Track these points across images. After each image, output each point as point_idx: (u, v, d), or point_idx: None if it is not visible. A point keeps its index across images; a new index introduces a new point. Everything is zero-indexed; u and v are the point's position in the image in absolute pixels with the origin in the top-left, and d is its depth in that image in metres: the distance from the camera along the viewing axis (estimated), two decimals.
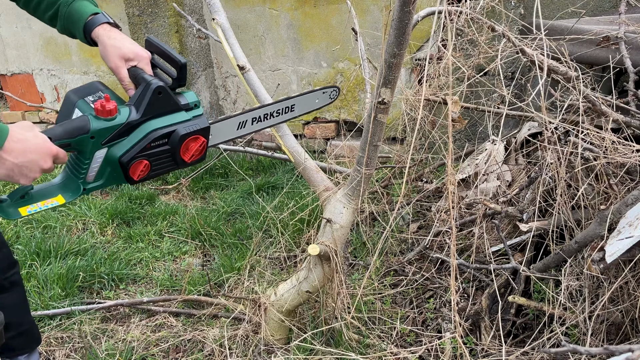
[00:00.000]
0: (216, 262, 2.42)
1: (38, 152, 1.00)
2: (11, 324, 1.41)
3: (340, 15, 3.21)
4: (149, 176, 1.21)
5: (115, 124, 1.12)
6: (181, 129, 1.19)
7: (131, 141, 1.15)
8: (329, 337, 1.72)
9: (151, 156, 1.18)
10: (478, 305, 1.68)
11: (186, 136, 1.20)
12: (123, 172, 1.17)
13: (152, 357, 1.82)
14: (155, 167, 1.20)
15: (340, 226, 1.54)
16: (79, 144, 1.10)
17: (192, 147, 1.23)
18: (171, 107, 1.20)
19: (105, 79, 4.31)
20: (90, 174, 1.15)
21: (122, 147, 1.15)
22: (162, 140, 1.18)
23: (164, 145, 1.19)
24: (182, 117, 1.21)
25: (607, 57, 1.86)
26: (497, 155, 2.16)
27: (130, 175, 1.17)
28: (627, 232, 1.29)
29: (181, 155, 1.22)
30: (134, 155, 1.15)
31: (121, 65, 1.18)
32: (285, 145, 1.76)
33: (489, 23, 1.61)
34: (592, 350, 0.63)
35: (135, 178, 1.18)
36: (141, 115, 1.15)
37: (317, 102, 1.66)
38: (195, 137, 1.23)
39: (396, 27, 1.18)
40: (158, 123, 1.18)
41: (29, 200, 1.11)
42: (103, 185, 1.19)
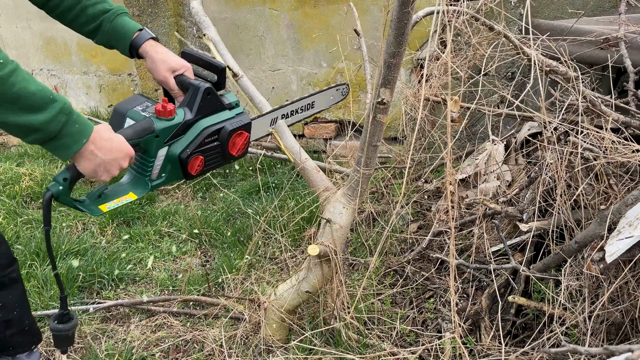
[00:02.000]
0: (216, 262, 2.42)
1: (121, 151, 1.09)
2: (12, 321, 1.41)
3: (340, 15, 3.21)
4: (203, 171, 1.33)
5: (174, 123, 1.24)
6: (228, 125, 1.32)
7: (188, 139, 1.27)
8: (329, 337, 1.72)
9: (205, 151, 1.30)
10: (478, 305, 1.68)
11: (233, 131, 1.33)
12: (182, 168, 1.28)
13: (152, 357, 1.82)
14: (208, 162, 1.32)
15: (340, 226, 1.54)
16: (146, 144, 1.20)
17: (238, 142, 1.36)
18: (218, 107, 1.32)
19: (105, 79, 4.31)
20: (154, 172, 1.26)
21: (181, 145, 1.27)
22: (213, 137, 1.30)
23: (215, 141, 1.31)
24: (228, 115, 1.34)
25: (607, 57, 1.86)
26: (497, 155, 2.16)
27: (189, 170, 1.28)
28: (627, 232, 1.28)
29: (229, 150, 1.35)
30: (191, 151, 1.27)
31: (169, 76, 1.30)
32: (285, 145, 1.76)
33: (489, 23, 1.61)
34: (592, 350, 0.63)
35: (193, 173, 1.30)
36: (195, 115, 1.27)
37: (332, 99, 1.82)
38: (240, 132, 1.36)
39: (395, 27, 1.18)
40: (209, 121, 1.30)
41: (105, 199, 1.22)
42: (165, 182, 1.30)
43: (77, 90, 4.55)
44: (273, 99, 3.65)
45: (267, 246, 2.51)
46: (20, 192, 3.20)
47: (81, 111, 4.58)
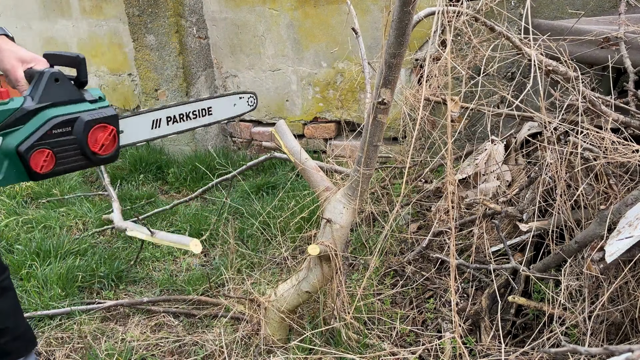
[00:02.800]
0: (216, 262, 2.43)
1: None
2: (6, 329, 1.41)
3: (340, 15, 3.21)
4: (57, 170, 1.13)
5: (7, 108, 1.06)
6: (85, 116, 1.14)
7: (28, 129, 1.08)
8: (329, 337, 1.72)
9: (54, 145, 1.10)
10: (478, 305, 1.68)
11: (92, 122, 1.15)
12: (24, 165, 1.08)
13: (152, 358, 1.82)
14: (61, 159, 1.13)
15: (340, 226, 1.54)
16: None
17: (100, 137, 1.17)
18: (73, 98, 1.15)
19: (105, 79, 4.31)
20: None
21: (19, 136, 1.07)
22: (65, 128, 1.12)
23: (68, 134, 1.12)
24: (86, 107, 1.17)
25: (607, 57, 1.86)
26: (497, 155, 2.16)
27: (33, 167, 1.08)
28: (627, 232, 1.29)
29: (90, 146, 1.15)
30: (32, 143, 1.07)
31: (17, 66, 1.15)
32: (285, 145, 1.76)
33: (489, 23, 1.61)
34: (592, 350, 0.63)
35: (39, 170, 1.09)
36: (37, 102, 1.09)
37: (235, 108, 1.61)
38: (103, 126, 1.18)
39: (396, 27, 1.18)
40: (58, 111, 1.12)
41: None
42: (2, 181, 1.08)
43: None
44: (274, 99, 3.65)
45: (267, 246, 2.51)
46: (20, 192, 3.21)
47: None
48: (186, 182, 3.37)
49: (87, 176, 3.60)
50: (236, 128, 3.86)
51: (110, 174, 3.46)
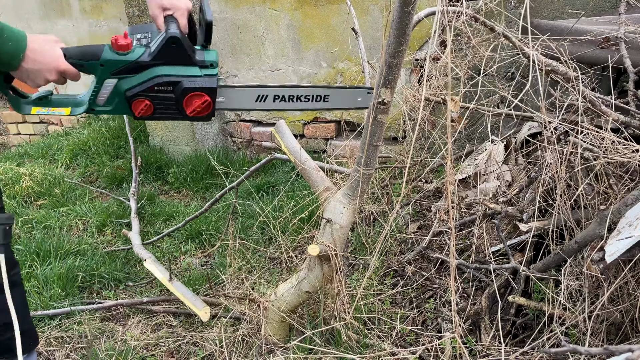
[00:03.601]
0: (216, 262, 2.42)
1: (46, 65, 1.15)
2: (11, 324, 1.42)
3: (340, 15, 3.21)
4: (153, 117, 1.31)
5: (125, 59, 1.22)
6: (186, 82, 1.26)
7: (138, 79, 1.24)
8: (329, 337, 1.72)
9: (154, 99, 1.26)
10: (478, 305, 1.68)
11: (189, 90, 1.26)
12: (127, 106, 1.27)
13: (152, 358, 1.82)
14: (158, 110, 1.29)
15: (340, 226, 1.54)
16: (91, 68, 1.22)
17: (194, 103, 1.28)
18: (184, 60, 1.26)
19: None
20: (100, 98, 1.26)
21: (129, 83, 1.24)
22: (166, 88, 1.26)
23: (168, 92, 1.26)
24: (192, 72, 1.27)
25: (607, 57, 1.86)
26: (497, 155, 2.16)
27: (133, 110, 1.27)
28: (627, 232, 1.29)
29: (184, 107, 1.28)
30: (137, 92, 1.24)
31: (158, 15, 1.27)
32: (285, 145, 1.76)
33: (489, 23, 1.61)
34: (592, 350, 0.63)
35: (137, 114, 1.27)
36: (152, 58, 1.23)
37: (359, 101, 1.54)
38: (200, 94, 1.28)
39: (396, 27, 1.18)
40: (166, 70, 1.25)
41: (44, 104, 1.27)
42: (111, 112, 1.29)
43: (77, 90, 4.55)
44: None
45: (267, 246, 2.51)
46: (20, 192, 3.21)
47: None
48: (186, 182, 3.37)
49: (87, 176, 3.60)
50: (236, 128, 3.86)
51: (110, 174, 3.46)
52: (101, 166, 3.58)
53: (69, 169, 3.72)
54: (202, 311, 1.75)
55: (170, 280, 1.85)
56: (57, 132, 4.54)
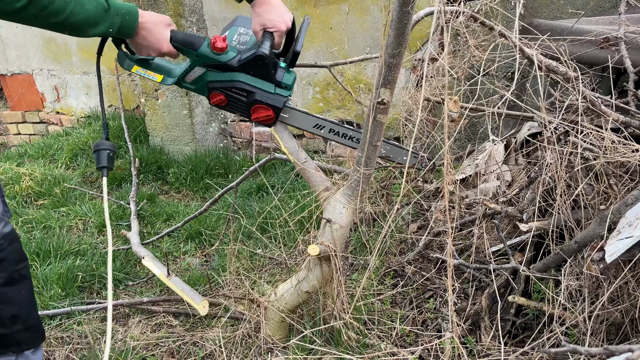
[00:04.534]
0: (216, 262, 2.42)
1: (153, 44, 1.37)
2: (19, 317, 1.42)
3: (340, 15, 3.21)
4: (225, 109, 1.52)
5: (216, 59, 1.42)
6: (259, 95, 1.47)
7: (222, 77, 1.46)
8: (329, 337, 1.72)
9: (229, 97, 1.48)
10: (478, 305, 1.68)
11: (259, 102, 1.48)
12: (206, 93, 1.49)
13: (152, 358, 1.82)
14: (230, 105, 1.51)
15: (340, 226, 1.54)
16: (187, 54, 1.42)
17: (260, 112, 1.51)
18: (265, 76, 1.46)
19: (106, 79, 4.31)
20: (188, 77, 1.48)
21: (214, 76, 1.46)
22: (242, 93, 1.47)
23: (242, 96, 1.47)
24: (268, 88, 1.48)
25: (607, 57, 1.86)
26: (497, 155, 2.16)
27: (209, 99, 1.50)
28: (627, 232, 1.28)
29: (251, 112, 1.51)
30: (217, 87, 1.46)
31: (258, 31, 1.45)
32: (285, 145, 1.76)
33: (489, 23, 1.61)
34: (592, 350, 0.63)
35: (211, 102, 1.50)
36: (238, 66, 1.43)
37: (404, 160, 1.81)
38: (266, 108, 1.49)
39: (395, 27, 1.18)
40: (247, 79, 1.46)
41: (144, 65, 1.48)
42: (194, 90, 1.51)
43: (77, 90, 4.55)
44: None
45: (267, 246, 2.51)
46: (21, 192, 3.21)
47: (81, 111, 4.59)
48: (186, 182, 3.37)
49: (87, 176, 3.60)
50: (236, 128, 3.86)
51: (110, 174, 3.46)
52: None
53: (69, 169, 3.72)
54: (200, 305, 1.75)
55: (168, 276, 1.85)
56: (57, 132, 4.54)
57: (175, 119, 3.65)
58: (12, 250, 1.38)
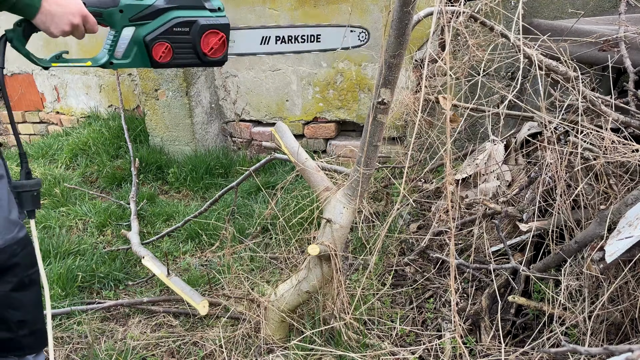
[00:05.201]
0: (216, 262, 2.42)
1: (69, 7, 1.18)
2: (26, 322, 1.41)
3: (340, 15, 3.21)
4: (173, 63, 1.37)
5: (142, 3, 1.30)
6: (202, 21, 1.37)
7: (156, 24, 1.33)
8: (329, 337, 1.72)
9: (173, 41, 1.35)
10: (478, 305, 1.68)
11: (206, 27, 1.37)
12: (147, 53, 1.34)
13: (152, 358, 1.82)
14: (177, 54, 1.36)
15: (340, 226, 1.54)
16: (109, 17, 1.28)
17: (211, 41, 1.38)
18: (196, 4, 1.37)
19: (105, 79, 4.31)
20: (118, 50, 1.32)
21: (148, 28, 1.32)
22: (184, 28, 1.35)
23: (185, 34, 1.35)
24: (205, 14, 1.39)
25: (607, 57, 1.86)
26: (497, 155, 2.16)
27: (154, 56, 1.34)
28: (627, 232, 1.29)
29: (202, 48, 1.37)
30: (156, 35, 1.32)
31: None
32: (285, 145, 1.76)
33: (489, 23, 1.61)
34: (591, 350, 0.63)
35: (158, 59, 1.34)
36: (167, 3, 1.33)
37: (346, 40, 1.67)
38: (215, 32, 1.39)
39: (396, 27, 1.18)
40: (182, 13, 1.35)
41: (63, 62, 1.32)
42: (129, 65, 1.34)
43: (77, 90, 4.55)
44: (274, 98, 3.65)
45: (267, 246, 2.51)
46: None
47: (81, 111, 4.58)
48: (186, 182, 3.37)
49: (87, 176, 3.60)
50: (236, 128, 3.86)
51: (110, 174, 3.46)
52: (101, 166, 3.58)
53: (69, 169, 3.72)
54: (200, 304, 1.74)
55: (168, 276, 1.85)
56: (57, 132, 4.54)
57: (175, 119, 3.65)
58: (25, 255, 1.35)
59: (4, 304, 1.34)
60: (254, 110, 3.74)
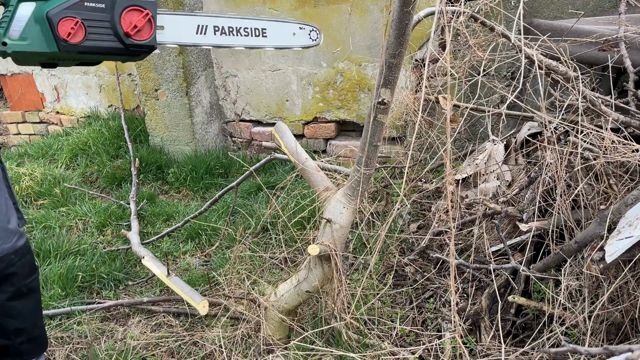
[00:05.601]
0: (216, 262, 2.42)
1: None
2: (24, 330, 1.40)
3: (340, 15, 3.21)
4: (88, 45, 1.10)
5: None
6: None
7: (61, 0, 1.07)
8: (329, 337, 1.72)
9: (85, 17, 1.08)
10: (478, 305, 1.68)
11: (126, 2, 1.11)
12: (52, 31, 1.06)
13: (152, 358, 1.82)
14: (92, 32, 1.09)
15: (340, 226, 1.54)
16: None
17: (134, 19, 1.12)
18: None
19: (105, 79, 4.31)
20: (14, 29, 1.04)
21: (51, 4, 1.06)
22: (97, 3, 1.09)
23: (100, 10, 1.09)
24: None
25: (607, 57, 1.86)
26: (497, 155, 2.16)
27: (60, 34, 1.05)
28: (627, 232, 1.29)
29: (122, 26, 1.11)
30: (62, 9, 1.06)
31: None
32: (285, 145, 1.76)
33: (489, 23, 1.61)
34: (591, 350, 0.63)
35: (66, 37, 1.06)
36: None
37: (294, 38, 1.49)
38: (138, 9, 1.13)
39: (396, 27, 1.18)
40: None
41: None
42: (29, 47, 1.06)
43: (77, 90, 4.55)
44: (274, 98, 3.65)
45: (267, 246, 2.51)
46: (20, 192, 3.20)
47: (81, 111, 4.58)
48: (186, 182, 3.37)
49: (87, 176, 3.60)
50: (236, 128, 3.86)
51: (110, 174, 3.46)
52: (101, 166, 3.58)
53: (69, 169, 3.72)
54: (200, 304, 1.74)
55: (168, 276, 1.85)
56: (57, 132, 4.54)
57: (175, 119, 3.65)
58: (23, 264, 1.34)
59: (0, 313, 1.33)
60: (254, 110, 3.74)
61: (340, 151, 3.49)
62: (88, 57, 1.13)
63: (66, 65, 1.19)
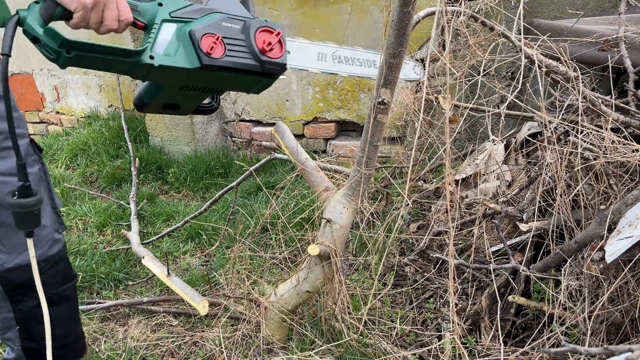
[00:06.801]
0: (216, 262, 2.42)
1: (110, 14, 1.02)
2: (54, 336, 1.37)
3: (340, 15, 3.21)
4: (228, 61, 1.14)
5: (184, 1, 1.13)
6: (252, 21, 1.21)
7: (202, 21, 1.14)
8: (329, 337, 1.72)
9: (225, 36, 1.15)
10: (478, 305, 1.68)
11: (258, 24, 1.21)
12: (194, 46, 1.11)
13: (152, 358, 1.82)
14: (230, 49, 1.15)
15: (340, 226, 1.54)
16: (145, 12, 1.09)
17: (267, 37, 1.21)
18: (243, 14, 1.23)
19: (105, 79, 4.31)
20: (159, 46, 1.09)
21: (192, 25, 1.12)
22: (233, 24, 1.18)
23: (236, 31, 1.18)
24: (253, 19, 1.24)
25: (607, 57, 1.86)
26: (497, 155, 2.16)
27: (204, 48, 1.10)
28: (627, 232, 1.29)
29: (257, 44, 1.18)
30: (204, 26, 1.12)
31: None
32: (285, 145, 1.76)
33: (489, 23, 1.61)
34: (591, 350, 0.63)
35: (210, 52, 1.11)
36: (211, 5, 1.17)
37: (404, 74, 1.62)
38: (269, 30, 1.22)
39: (396, 27, 1.18)
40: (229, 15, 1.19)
41: None
42: (174, 61, 1.11)
43: (77, 90, 4.55)
44: (274, 98, 3.65)
45: (267, 246, 2.51)
46: None
47: (81, 111, 4.58)
48: (186, 182, 3.38)
49: (87, 176, 3.60)
50: (236, 128, 3.86)
51: (111, 174, 3.46)
52: (101, 166, 3.58)
53: (69, 169, 3.72)
54: (200, 304, 1.74)
55: (168, 276, 1.85)
56: (57, 132, 4.54)
57: (175, 118, 3.65)
58: (55, 273, 1.29)
59: (29, 318, 1.29)
60: (254, 110, 3.74)
61: (340, 151, 3.49)
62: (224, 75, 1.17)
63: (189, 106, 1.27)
